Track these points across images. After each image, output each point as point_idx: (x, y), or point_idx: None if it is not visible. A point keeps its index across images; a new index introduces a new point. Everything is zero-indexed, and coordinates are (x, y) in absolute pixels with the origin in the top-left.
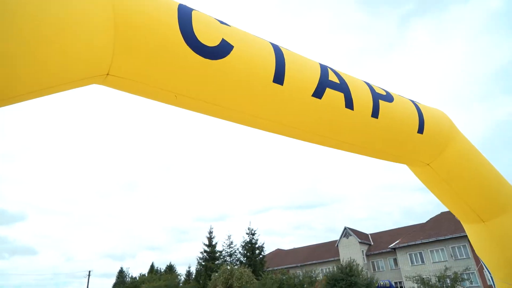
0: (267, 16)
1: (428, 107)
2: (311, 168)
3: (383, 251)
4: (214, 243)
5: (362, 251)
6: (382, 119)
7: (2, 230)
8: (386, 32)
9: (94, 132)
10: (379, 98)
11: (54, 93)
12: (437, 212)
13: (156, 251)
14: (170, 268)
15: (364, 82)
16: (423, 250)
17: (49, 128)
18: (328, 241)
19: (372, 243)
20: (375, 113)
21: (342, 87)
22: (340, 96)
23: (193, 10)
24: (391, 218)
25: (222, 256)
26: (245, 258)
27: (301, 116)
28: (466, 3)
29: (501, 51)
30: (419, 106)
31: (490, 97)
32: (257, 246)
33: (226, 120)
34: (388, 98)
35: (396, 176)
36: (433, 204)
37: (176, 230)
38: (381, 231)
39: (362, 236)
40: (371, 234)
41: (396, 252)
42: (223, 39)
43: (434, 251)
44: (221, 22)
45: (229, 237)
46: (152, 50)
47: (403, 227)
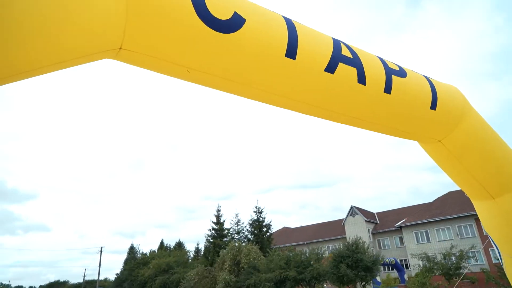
0: None
1: (442, 83)
2: (317, 147)
3: (389, 229)
4: (222, 221)
5: (368, 229)
6: (395, 95)
7: (14, 208)
8: (395, 10)
9: (102, 111)
10: (392, 74)
11: (66, 67)
12: (444, 191)
13: (165, 229)
14: (179, 245)
15: (377, 57)
16: (429, 229)
17: (59, 107)
18: (334, 219)
19: (378, 222)
20: (387, 88)
21: (355, 62)
22: (352, 71)
23: None
24: (398, 198)
25: (230, 234)
26: (252, 236)
27: (313, 92)
28: None
29: None
30: (433, 82)
31: (501, 75)
32: (264, 224)
33: (238, 95)
34: (401, 73)
35: (403, 156)
36: (440, 184)
37: (184, 208)
38: (387, 210)
39: (368, 215)
40: (377, 213)
41: (402, 230)
42: (235, 12)
43: (440, 230)
44: None
45: (236, 215)
46: (165, 24)
47: (410, 206)
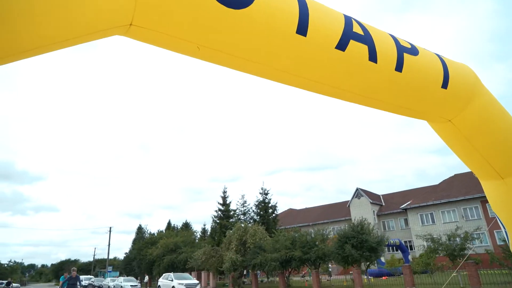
0: None
1: (454, 61)
2: (324, 130)
3: (394, 211)
4: (228, 202)
5: (373, 211)
6: (406, 73)
7: (24, 189)
8: None
9: (109, 93)
10: (403, 51)
11: (77, 44)
12: (450, 174)
13: (172, 210)
14: (186, 226)
15: (389, 34)
16: (434, 211)
17: (65, 89)
18: (339, 201)
19: (383, 204)
20: (399, 66)
21: (366, 39)
22: (364, 48)
23: None
24: (403, 180)
25: (236, 215)
26: (258, 217)
27: (323, 69)
28: None
29: None
30: (444, 60)
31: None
32: (270, 205)
33: (247, 73)
34: (413, 51)
35: (410, 138)
36: (446, 166)
37: (191, 190)
38: (393, 192)
39: (373, 197)
40: (382, 195)
41: (407, 212)
42: None
43: (446, 212)
44: None
45: (242, 196)
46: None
47: (415, 188)
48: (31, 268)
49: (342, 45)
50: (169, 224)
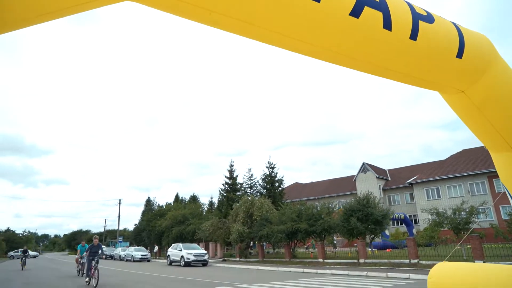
0: None
1: (470, 30)
2: (329, 104)
3: (400, 186)
4: (235, 176)
5: (379, 185)
6: (421, 42)
7: (34, 162)
8: None
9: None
10: (419, 19)
11: (85, 10)
12: (457, 149)
13: (180, 183)
14: (194, 198)
15: (405, 0)
16: (440, 186)
17: (72, 63)
18: (345, 176)
19: (389, 179)
20: (413, 34)
21: (381, 5)
22: (378, 15)
23: None
24: (410, 156)
25: (242, 188)
26: (265, 190)
27: (336, 37)
28: None
29: None
30: (461, 29)
31: None
32: (276, 179)
33: (259, 40)
34: (429, 19)
35: (417, 113)
36: (454, 142)
37: (198, 164)
38: (399, 167)
39: (380, 172)
40: (389, 170)
41: (413, 187)
42: None
43: (452, 187)
44: None
45: (249, 170)
46: None
47: (422, 163)
48: (44, 238)
49: (356, 11)
50: (177, 196)
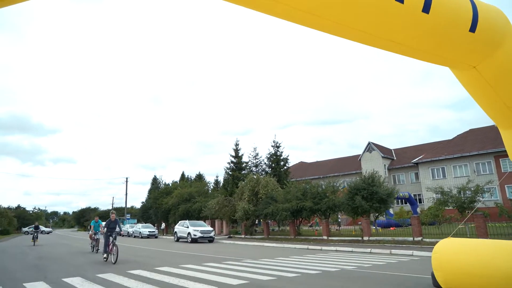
0: None
1: (484, 3)
2: (335, 83)
3: (405, 165)
4: (240, 155)
5: (384, 165)
6: (433, 15)
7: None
8: None
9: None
10: None
11: None
12: (464, 129)
13: (185, 162)
14: (200, 177)
15: None
16: (446, 166)
17: (78, 42)
18: (350, 155)
19: (395, 158)
20: (426, 7)
21: None
22: None
23: None
24: (416, 135)
25: (248, 167)
26: (270, 169)
27: (346, 11)
28: None
29: None
30: (475, 2)
31: None
32: (282, 158)
33: (273, 15)
34: None
35: (424, 93)
36: (461, 122)
37: (203, 143)
38: (405, 146)
39: (385, 151)
40: (394, 149)
41: (419, 166)
42: None
43: (457, 166)
44: None
45: (254, 149)
46: None
47: (428, 143)
48: (54, 215)
49: None
50: (182, 175)
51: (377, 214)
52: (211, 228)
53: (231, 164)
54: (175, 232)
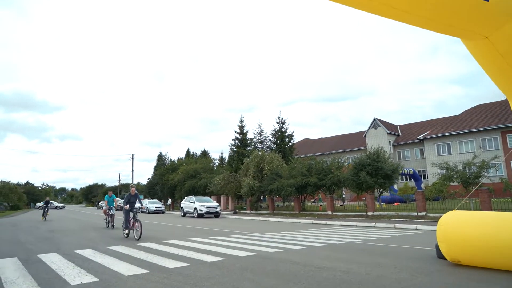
0: None
1: None
2: (341, 59)
3: (410, 142)
4: (245, 131)
5: (390, 141)
6: None
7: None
8: None
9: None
10: None
11: None
12: (472, 105)
13: (190, 139)
14: (205, 154)
15: None
16: (451, 142)
17: (81, 18)
18: (355, 131)
19: (400, 134)
20: None
21: None
22: None
23: None
24: (422, 112)
25: (253, 143)
26: (275, 146)
27: None
28: None
29: None
30: None
31: None
32: (286, 134)
33: None
34: None
35: (431, 68)
36: (469, 98)
37: (208, 120)
38: (411, 122)
39: (390, 127)
40: (400, 126)
41: (424, 143)
42: None
43: (463, 142)
44: None
45: (259, 125)
46: None
47: (434, 119)
48: (62, 191)
49: None
50: (188, 152)
51: (381, 189)
52: (217, 204)
53: (236, 141)
54: (182, 207)
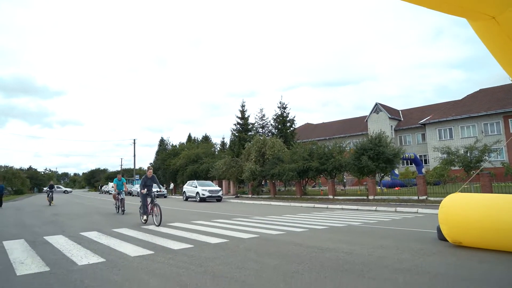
0: None
1: None
2: (342, 43)
3: (412, 126)
4: (246, 116)
5: (391, 126)
6: None
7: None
8: None
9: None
10: None
11: None
12: (474, 90)
13: (191, 124)
14: (206, 138)
15: None
16: (453, 126)
17: (81, 3)
18: (357, 116)
19: (402, 119)
20: None
21: None
22: None
23: None
24: (424, 96)
25: (254, 128)
26: (276, 130)
27: None
28: None
29: None
30: None
31: None
32: (288, 119)
33: None
34: None
35: (434, 52)
36: (471, 82)
37: (209, 105)
38: (413, 107)
39: (392, 112)
40: (401, 110)
41: (426, 127)
42: None
43: (465, 127)
44: None
45: (261, 110)
46: None
47: (436, 103)
48: (65, 176)
49: None
50: (189, 137)
51: (382, 174)
52: (219, 188)
53: (238, 126)
54: (184, 191)
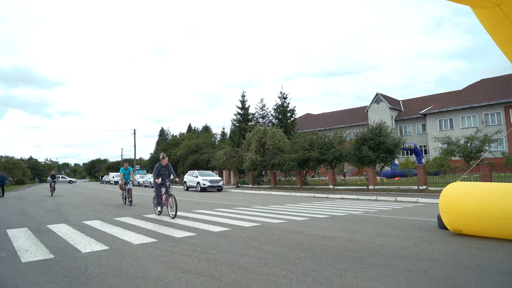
0: None
1: None
2: (343, 32)
3: (413, 117)
4: (247, 106)
5: (392, 116)
6: None
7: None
8: None
9: None
10: None
11: None
12: (476, 80)
13: (191, 115)
14: (206, 129)
15: None
16: (454, 117)
17: None
18: (357, 106)
19: (402, 109)
20: None
21: None
22: None
23: None
24: (425, 87)
25: (255, 118)
26: (277, 120)
27: None
28: None
29: None
30: None
31: None
32: (288, 109)
33: None
34: None
35: (436, 42)
36: (472, 73)
37: (208, 95)
38: (413, 97)
39: (393, 102)
40: (402, 101)
41: (426, 118)
42: None
43: (466, 117)
44: None
45: (261, 100)
46: None
47: (437, 94)
48: (65, 166)
49: None
50: (189, 127)
51: (383, 164)
52: (220, 178)
53: (238, 116)
54: (185, 181)
